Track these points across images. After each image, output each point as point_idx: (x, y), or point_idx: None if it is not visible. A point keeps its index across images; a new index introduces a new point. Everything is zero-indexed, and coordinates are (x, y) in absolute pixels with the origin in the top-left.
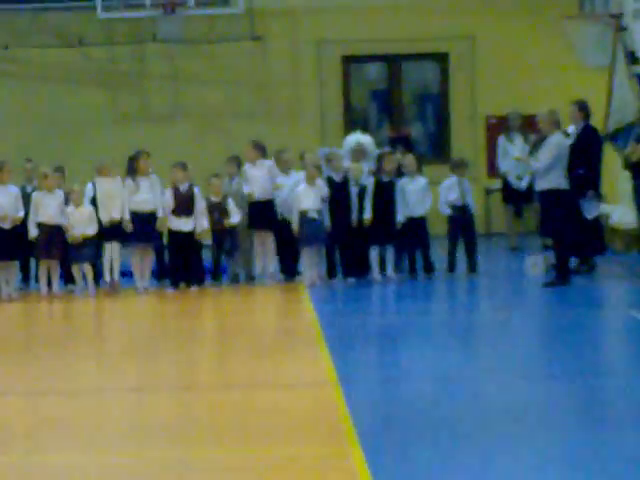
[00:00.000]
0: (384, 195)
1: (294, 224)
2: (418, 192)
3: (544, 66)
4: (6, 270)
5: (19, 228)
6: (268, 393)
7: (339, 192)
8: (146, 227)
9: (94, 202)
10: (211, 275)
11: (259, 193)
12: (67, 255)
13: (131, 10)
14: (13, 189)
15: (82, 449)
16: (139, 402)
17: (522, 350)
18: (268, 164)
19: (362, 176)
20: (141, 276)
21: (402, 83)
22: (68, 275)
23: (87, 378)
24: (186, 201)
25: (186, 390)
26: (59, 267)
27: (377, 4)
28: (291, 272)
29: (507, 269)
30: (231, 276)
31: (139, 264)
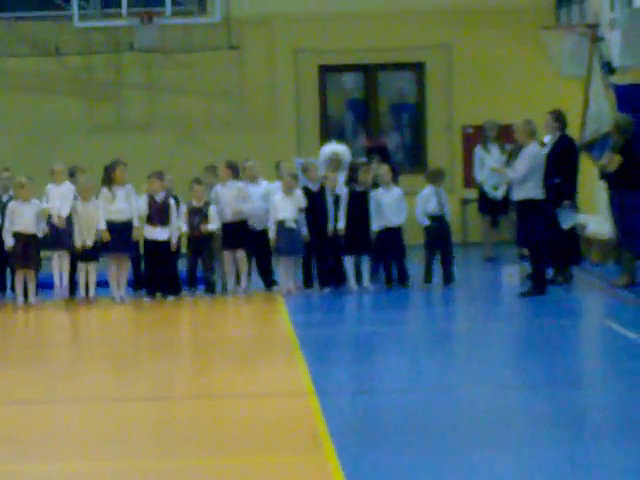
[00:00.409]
0: (358, 205)
1: (271, 234)
2: (393, 203)
3: (521, 76)
4: None
5: None
6: (244, 403)
7: (315, 202)
8: (122, 237)
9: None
10: (187, 283)
11: (229, 214)
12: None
13: (108, 19)
14: None
15: (58, 458)
16: (115, 412)
17: (498, 360)
18: (238, 185)
19: (337, 186)
20: (117, 286)
21: (378, 93)
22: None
23: (63, 388)
24: (162, 210)
25: (162, 400)
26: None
27: (354, 14)
28: (268, 282)
29: (483, 279)
30: (207, 285)
31: (115, 274)
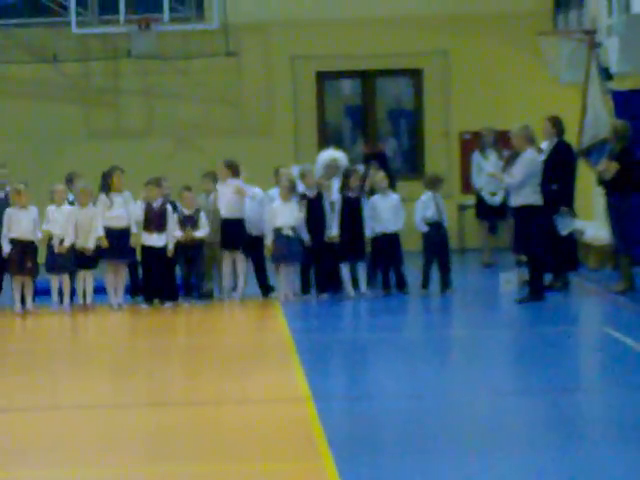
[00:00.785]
0: (351, 211)
1: (268, 240)
2: (390, 209)
3: (518, 82)
4: None
5: None
6: (242, 409)
7: (313, 208)
8: (120, 243)
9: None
10: (183, 291)
11: (226, 211)
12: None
13: (105, 26)
14: None
15: (55, 464)
16: (112, 418)
17: (496, 366)
18: (233, 183)
19: (332, 192)
20: (115, 292)
21: (376, 99)
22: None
23: (60, 394)
24: (158, 217)
25: (160, 406)
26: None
27: (351, 20)
28: (265, 289)
29: (481, 285)
30: (204, 292)
31: (113, 280)
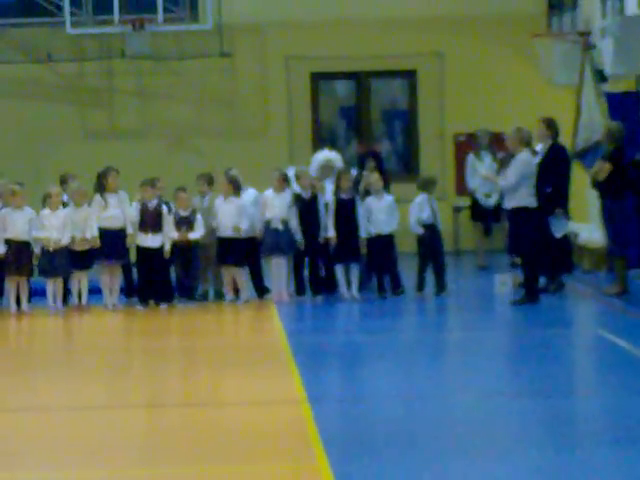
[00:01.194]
0: (345, 213)
1: (258, 232)
2: (385, 210)
3: (513, 84)
4: None
5: None
6: (236, 410)
7: (307, 209)
8: (115, 244)
9: None
10: (178, 292)
11: (225, 229)
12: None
13: (100, 26)
14: None
15: (49, 466)
16: (107, 419)
17: (490, 368)
18: (237, 203)
19: (325, 193)
20: (110, 293)
21: (370, 100)
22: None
23: (54, 395)
24: (154, 217)
25: (154, 407)
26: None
27: (346, 21)
28: (260, 291)
29: (476, 287)
30: (199, 293)
31: (108, 281)
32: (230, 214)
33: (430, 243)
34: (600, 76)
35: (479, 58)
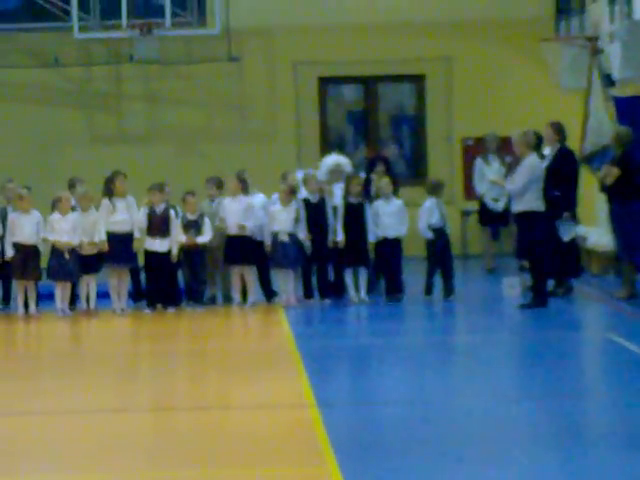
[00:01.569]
0: (354, 217)
1: (267, 244)
2: (393, 214)
3: (521, 88)
4: None
5: None
6: (245, 414)
7: (315, 213)
8: (123, 248)
9: None
10: (186, 296)
11: (233, 228)
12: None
13: (107, 31)
14: None
15: (58, 470)
16: (115, 423)
17: (499, 372)
18: (248, 201)
19: (333, 197)
20: (118, 297)
21: (378, 105)
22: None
23: (63, 399)
24: (161, 222)
25: (163, 411)
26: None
27: (354, 26)
28: (268, 294)
29: (484, 291)
30: (207, 297)
31: (116, 285)
32: (238, 213)
33: (439, 247)
34: (608, 80)
35: (487, 62)
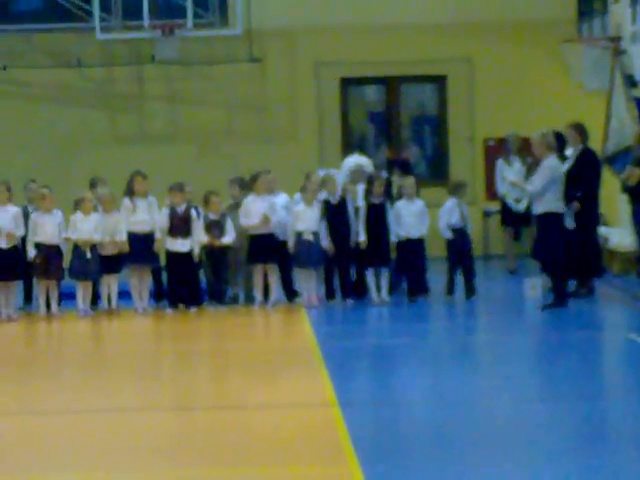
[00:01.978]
0: (376, 217)
1: (290, 244)
2: (415, 214)
3: (542, 89)
4: (5, 290)
5: (20, 248)
6: (267, 414)
7: (336, 214)
8: (144, 248)
9: None
10: (208, 295)
11: (257, 227)
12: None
13: (129, 31)
14: (12, 209)
15: (81, 468)
16: (137, 422)
17: (520, 373)
18: (269, 199)
19: (357, 197)
20: (140, 297)
21: (400, 105)
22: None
23: (85, 398)
24: (183, 222)
25: (185, 411)
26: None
27: (375, 26)
28: (290, 294)
29: (505, 292)
30: (229, 297)
31: (137, 285)
32: (261, 212)
33: (459, 247)
34: (630, 81)
35: (509, 63)
